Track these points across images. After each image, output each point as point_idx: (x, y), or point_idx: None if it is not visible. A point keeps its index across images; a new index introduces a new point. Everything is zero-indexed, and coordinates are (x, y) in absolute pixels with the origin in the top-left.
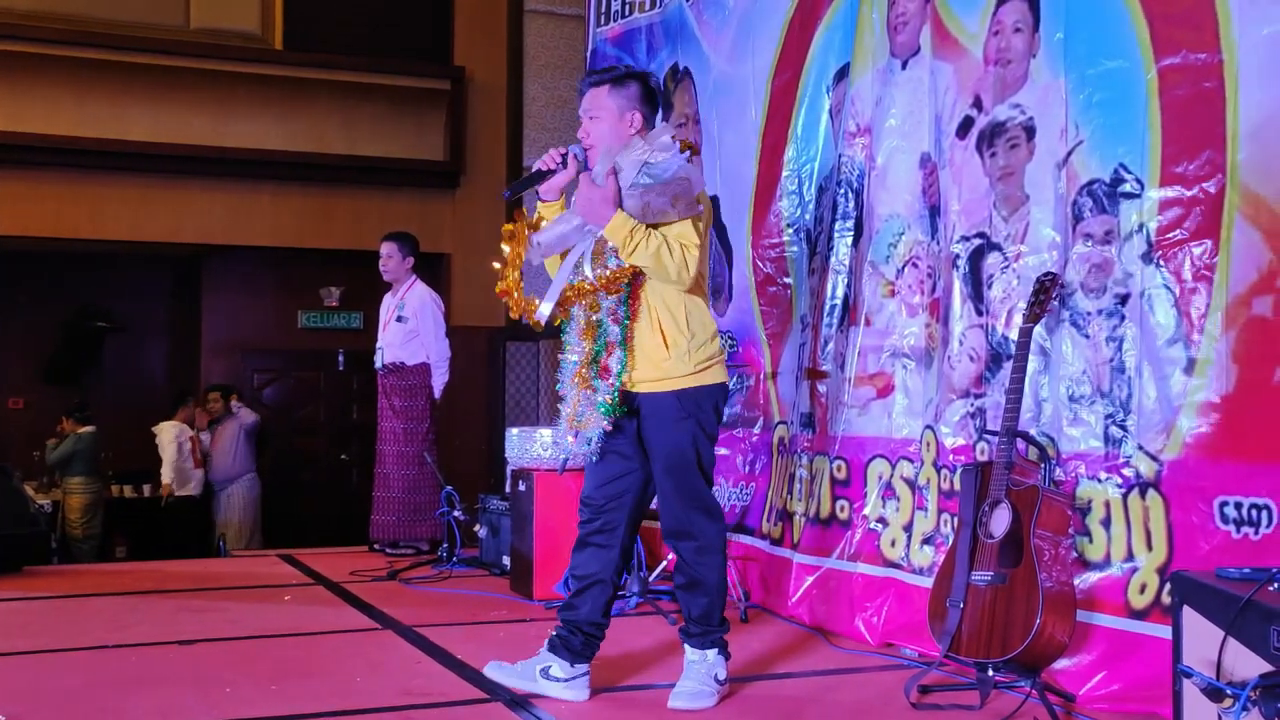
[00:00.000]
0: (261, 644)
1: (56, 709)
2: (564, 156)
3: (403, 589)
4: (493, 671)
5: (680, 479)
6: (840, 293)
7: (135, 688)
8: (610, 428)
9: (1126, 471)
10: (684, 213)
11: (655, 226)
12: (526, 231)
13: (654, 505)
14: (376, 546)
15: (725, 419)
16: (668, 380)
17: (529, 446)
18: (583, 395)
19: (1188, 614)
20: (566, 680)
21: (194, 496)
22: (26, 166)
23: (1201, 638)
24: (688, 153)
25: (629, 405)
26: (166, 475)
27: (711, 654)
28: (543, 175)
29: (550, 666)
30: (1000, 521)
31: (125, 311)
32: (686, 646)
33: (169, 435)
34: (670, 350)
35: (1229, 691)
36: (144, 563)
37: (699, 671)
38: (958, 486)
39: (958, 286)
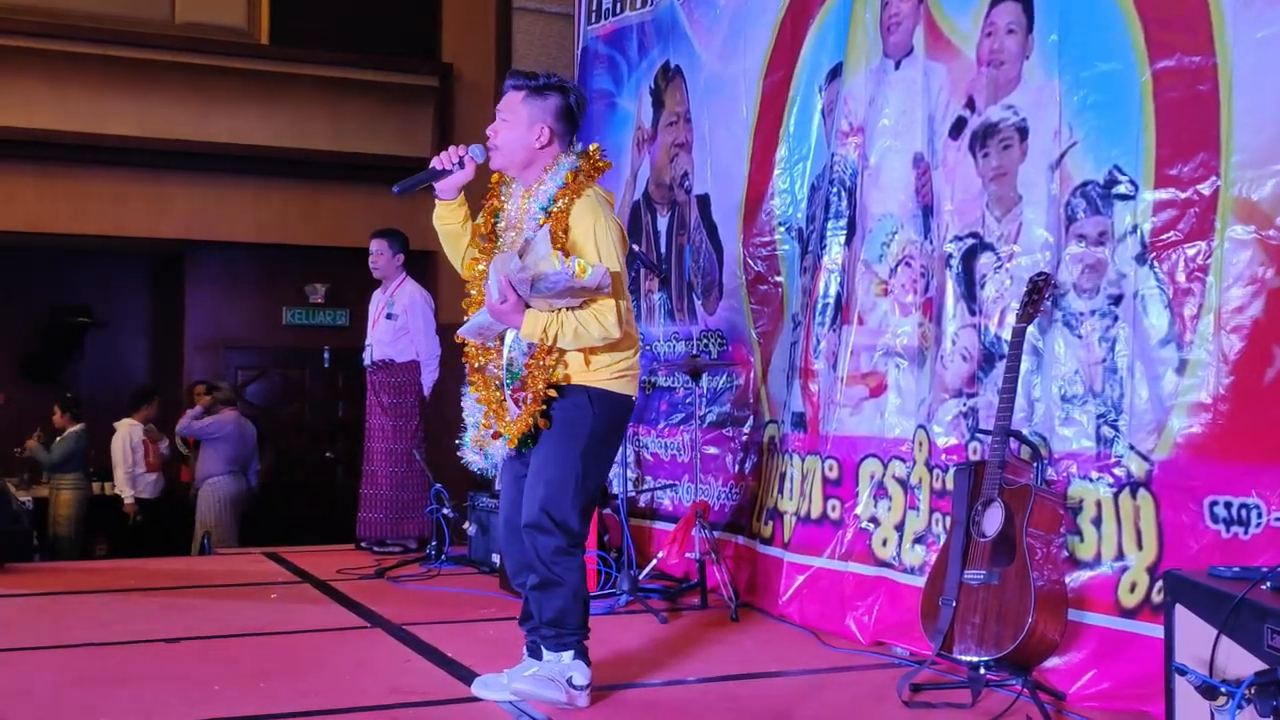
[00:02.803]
0: (248, 642)
1: (40, 707)
2: (461, 158)
3: (391, 587)
4: (480, 689)
5: (560, 463)
6: (833, 291)
7: (120, 686)
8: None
9: (1118, 471)
10: (594, 294)
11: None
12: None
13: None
14: (364, 544)
15: (715, 418)
16: (582, 378)
17: None
18: (491, 418)
19: (1180, 612)
20: None
21: (149, 499)
22: (4, 161)
23: (1194, 636)
24: (573, 261)
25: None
26: (118, 478)
27: (567, 655)
28: (437, 174)
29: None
30: (993, 520)
31: (106, 307)
32: (543, 650)
33: (120, 437)
34: (590, 362)
35: (1224, 689)
36: (127, 560)
37: (549, 666)
38: (950, 486)
39: (951, 286)
